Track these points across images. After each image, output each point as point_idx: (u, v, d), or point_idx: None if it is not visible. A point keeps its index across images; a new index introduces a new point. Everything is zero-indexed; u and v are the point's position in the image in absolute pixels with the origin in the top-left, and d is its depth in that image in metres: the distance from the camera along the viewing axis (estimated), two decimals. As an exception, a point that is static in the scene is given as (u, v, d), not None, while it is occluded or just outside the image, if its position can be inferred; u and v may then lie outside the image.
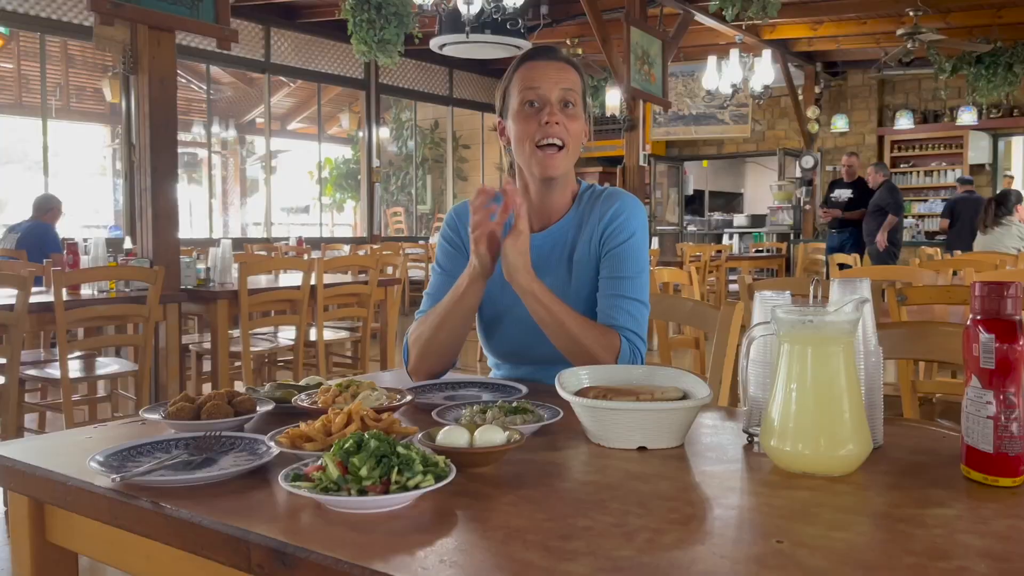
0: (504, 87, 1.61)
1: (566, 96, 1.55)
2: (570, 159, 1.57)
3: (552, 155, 1.54)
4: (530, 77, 1.56)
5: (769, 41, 9.85)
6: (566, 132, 1.54)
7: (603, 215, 1.58)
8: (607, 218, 1.58)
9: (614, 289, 1.54)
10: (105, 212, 11.35)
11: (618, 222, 1.57)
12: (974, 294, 0.94)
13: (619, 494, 0.91)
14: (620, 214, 1.57)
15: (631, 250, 1.56)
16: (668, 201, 12.74)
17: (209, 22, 3.95)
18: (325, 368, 4.17)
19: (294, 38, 9.91)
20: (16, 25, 7.94)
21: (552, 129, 1.52)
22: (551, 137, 1.53)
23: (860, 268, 5.38)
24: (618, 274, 1.54)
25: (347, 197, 13.75)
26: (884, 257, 7.78)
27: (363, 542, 0.78)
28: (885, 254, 7.87)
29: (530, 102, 1.54)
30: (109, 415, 3.97)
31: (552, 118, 1.52)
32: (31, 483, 1.01)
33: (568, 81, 1.55)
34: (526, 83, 1.56)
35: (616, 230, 1.56)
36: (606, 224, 1.57)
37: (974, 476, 0.94)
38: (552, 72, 1.55)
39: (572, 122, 1.55)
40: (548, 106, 1.53)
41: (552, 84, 1.54)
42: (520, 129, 1.55)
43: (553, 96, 1.54)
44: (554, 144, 1.53)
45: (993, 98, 9.50)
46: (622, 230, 1.56)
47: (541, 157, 1.54)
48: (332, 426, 1.01)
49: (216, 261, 4.22)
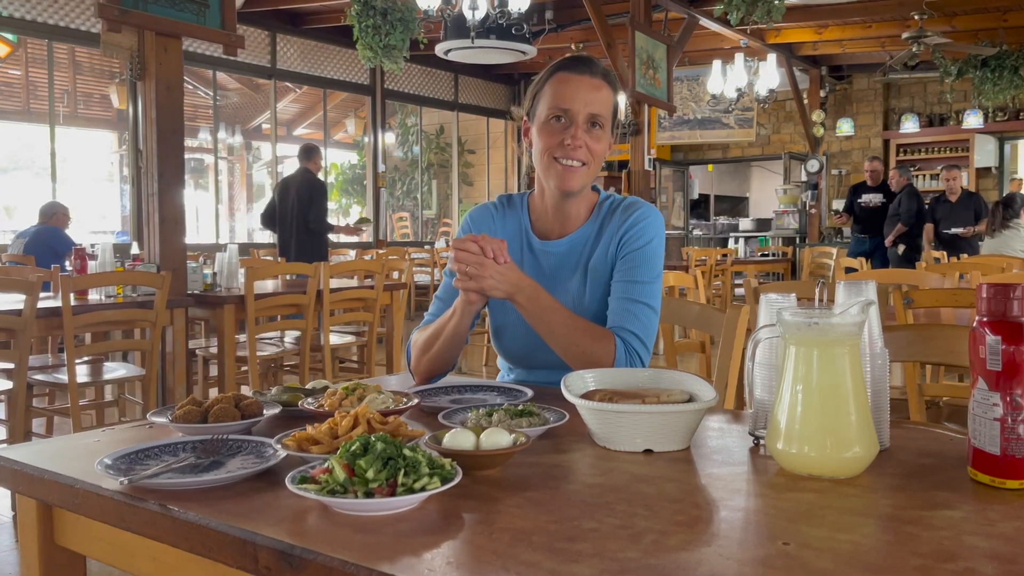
0: (535, 91, 1.59)
1: (594, 118, 1.53)
2: (590, 176, 1.57)
3: (572, 170, 1.53)
4: (561, 93, 1.53)
5: (774, 45, 9.85)
6: (589, 154, 1.53)
7: (622, 223, 1.58)
8: (626, 224, 1.58)
9: (626, 292, 1.54)
10: (112, 217, 11.39)
11: (637, 228, 1.57)
12: (980, 296, 0.94)
13: (625, 496, 0.91)
14: (640, 221, 1.57)
15: (647, 256, 1.56)
16: (673, 205, 12.73)
17: (215, 28, 3.96)
18: (331, 372, 4.18)
19: (300, 44, 9.94)
20: (24, 32, 7.98)
21: (575, 152, 1.52)
22: (573, 159, 1.52)
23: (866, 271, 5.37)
24: (632, 278, 1.55)
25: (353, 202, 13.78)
26: (903, 263, 7.76)
27: (370, 544, 0.78)
28: (904, 259, 7.84)
29: (557, 117, 1.53)
30: (116, 419, 3.98)
31: (575, 141, 1.51)
32: (40, 486, 1.02)
33: (598, 102, 1.53)
34: (556, 98, 1.53)
35: (634, 236, 1.57)
36: (625, 230, 1.57)
37: (981, 478, 0.94)
38: (584, 91, 1.53)
39: (597, 143, 1.54)
40: (574, 126, 1.52)
41: (582, 104, 1.52)
42: (544, 141, 1.54)
43: (581, 117, 1.52)
44: (574, 164, 1.53)
45: (999, 101, 9.47)
46: (640, 236, 1.57)
47: (560, 171, 1.54)
48: (339, 429, 1.02)
49: (223, 266, 4.23)
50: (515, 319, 1.60)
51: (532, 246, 1.65)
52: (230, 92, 12.15)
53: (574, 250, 1.61)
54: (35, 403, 3.77)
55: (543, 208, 1.64)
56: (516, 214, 1.68)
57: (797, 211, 11.97)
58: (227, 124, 12.48)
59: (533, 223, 1.66)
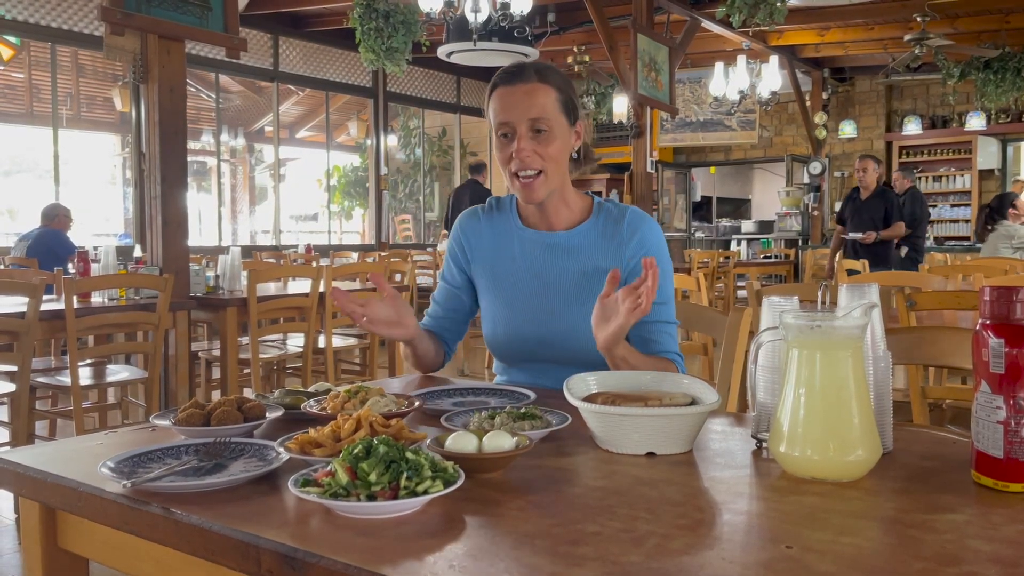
0: (486, 111, 1.62)
1: (536, 123, 1.54)
2: (551, 181, 1.58)
3: (529, 183, 1.56)
4: (500, 108, 1.55)
5: (776, 47, 9.85)
6: (539, 159, 1.54)
7: (627, 240, 1.61)
8: (632, 248, 1.60)
9: (659, 316, 1.59)
10: (115, 220, 11.41)
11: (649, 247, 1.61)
12: (983, 299, 0.94)
13: (627, 499, 0.91)
14: (645, 244, 1.61)
15: (664, 277, 1.60)
16: (675, 207, 12.73)
17: (218, 31, 3.97)
18: (334, 374, 4.18)
19: (302, 47, 9.95)
20: (27, 35, 7.99)
21: (524, 161, 1.54)
22: (525, 169, 1.54)
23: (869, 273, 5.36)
24: (657, 301, 1.58)
25: (355, 205, 13.78)
26: (907, 264, 7.73)
27: (372, 547, 0.78)
28: (907, 260, 7.81)
29: (503, 133, 1.56)
30: (119, 422, 3.99)
31: (521, 153, 1.53)
32: (43, 489, 1.02)
33: (537, 107, 1.53)
34: (497, 114, 1.56)
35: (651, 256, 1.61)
36: (635, 253, 1.60)
37: (984, 481, 0.93)
38: (519, 99, 1.54)
39: (547, 146, 1.55)
40: (517, 138, 1.54)
41: (520, 114, 1.53)
42: (499, 156, 1.58)
43: (522, 127, 1.53)
44: (529, 175, 1.55)
45: (1001, 103, 9.45)
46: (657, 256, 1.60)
47: (519, 186, 1.57)
48: (341, 432, 1.02)
49: (225, 269, 4.24)
50: (505, 318, 1.62)
51: (528, 238, 1.67)
52: (233, 95, 12.17)
53: (579, 243, 1.63)
54: (38, 406, 3.77)
55: (530, 207, 1.67)
56: (505, 213, 1.71)
57: (799, 213, 11.96)
58: (230, 127, 12.49)
59: (523, 218, 1.69)
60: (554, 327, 1.59)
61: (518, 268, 1.65)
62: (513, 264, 1.65)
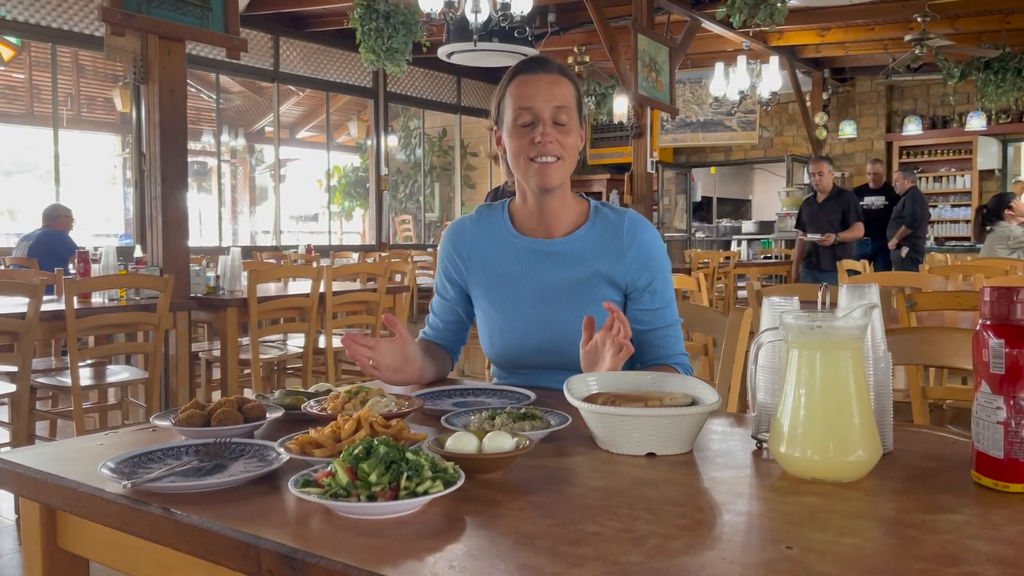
0: (499, 99, 1.62)
1: (559, 112, 1.55)
2: (566, 170, 1.60)
3: (548, 166, 1.56)
4: (523, 94, 1.56)
5: (776, 47, 9.85)
6: (561, 147, 1.56)
7: (627, 247, 1.61)
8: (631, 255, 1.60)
9: (663, 321, 1.63)
10: (115, 221, 11.42)
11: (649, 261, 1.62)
12: (983, 299, 0.94)
13: (628, 500, 0.91)
14: (645, 251, 1.62)
15: (664, 282, 1.65)
16: (676, 208, 12.73)
17: (219, 32, 3.97)
18: (334, 375, 4.18)
19: (303, 47, 9.95)
20: (27, 36, 8.00)
21: (547, 147, 1.55)
22: (546, 155, 1.55)
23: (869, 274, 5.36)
24: (659, 306, 1.63)
25: (356, 205, 13.78)
26: (907, 264, 7.72)
27: (372, 548, 0.78)
28: (908, 261, 7.80)
29: (524, 119, 1.56)
30: (119, 422, 3.99)
31: (546, 138, 1.54)
32: (43, 489, 1.02)
33: (561, 96, 1.56)
34: (519, 100, 1.56)
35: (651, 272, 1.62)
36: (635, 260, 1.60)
37: (984, 482, 0.93)
38: (544, 88, 1.56)
39: (566, 136, 1.57)
40: (541, 124, 1.55)
41: (545, 102, 1.55)
42: (516, 145, 1.57)
43: (546, 114, 1.55)
44: (548, 160, 1.56)
45: (1002, 103, 9.45)
46: (656, 270, 1.63)
47: (537, 168, 1.57)
48: (341, 432, 1.02)
49: (225, 269, 4.24)
50: (501, 327, 1.62)
51: (523, 245, 1.65)
52: (233, 95, 12.18)
53: (577, 249, 1.63)
54: (38, 406, 3.77)
55: (527, 212, 1.66)
56: (497, 219, 1.70)
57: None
58: (230, 127, 12.50)
59: (517, 226, 1.68)
60: (551, 335, 1.59)
61: (513, 277, 1.63)
62: (508, 273, 1.64)
